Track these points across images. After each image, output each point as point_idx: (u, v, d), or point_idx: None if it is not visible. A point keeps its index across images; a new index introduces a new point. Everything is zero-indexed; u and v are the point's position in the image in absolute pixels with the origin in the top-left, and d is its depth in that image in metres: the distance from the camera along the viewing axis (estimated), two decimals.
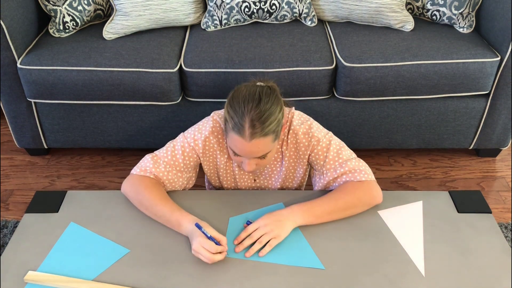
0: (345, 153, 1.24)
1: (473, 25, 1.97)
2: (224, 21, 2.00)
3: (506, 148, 2.16)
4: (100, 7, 2.02)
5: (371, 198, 1.20)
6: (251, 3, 1.95)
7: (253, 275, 1.04)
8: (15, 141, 2.11)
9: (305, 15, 2.03)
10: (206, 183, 1.53)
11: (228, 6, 1.96)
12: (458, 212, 1.20)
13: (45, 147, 2.11)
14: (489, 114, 1.97)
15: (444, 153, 2.21)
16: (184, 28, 2.06)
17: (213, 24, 2.00)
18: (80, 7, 1.95)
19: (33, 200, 1.24)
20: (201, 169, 1.36)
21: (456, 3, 1.92)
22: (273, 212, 1.15)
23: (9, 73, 1.86)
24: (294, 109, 1.29)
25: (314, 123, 1.27)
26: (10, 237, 1.61)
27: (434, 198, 1.25)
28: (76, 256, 1.08)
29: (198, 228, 1.06)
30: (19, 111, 1.98)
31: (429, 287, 1.01)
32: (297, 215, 1.14)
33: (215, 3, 1.95)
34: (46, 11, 1.94)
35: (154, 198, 1.17)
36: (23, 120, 2.01)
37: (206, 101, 1.92)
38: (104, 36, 1.92)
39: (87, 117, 1.98)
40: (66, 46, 1.88)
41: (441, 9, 1.97)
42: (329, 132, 1.26)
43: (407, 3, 2.03)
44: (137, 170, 1.23)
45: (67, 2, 1.91)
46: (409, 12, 2.03)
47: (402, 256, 1.08)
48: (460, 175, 2.10)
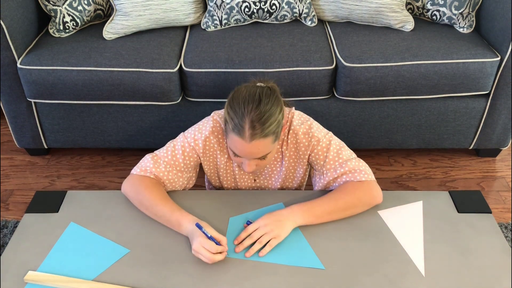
0: (345, 153, 1.24)
1: (473, 25, 1.97)
2: (224, 21, 2.00)
3: (506, 148, 2.16)
4: (100, 7, 2.02)
5: (371, 198, 1.20)
6: (251, 3, 1.95)
7: (253, 275, 1.04)
8: (15, 141, 2.11)
9: (305, 15, 2.03)
10: (206, 183, 1.53)
11: (228, 6, 1.96)
12: (458, 212, 1.20)
13: (45, 147, 2.11)
14: (489, 114, 1.97)
15: (444, 153, 2.21)
16: (184, 28, 2.06)
17: (213, 24, 2.00)
18: (80, 7, 1.95)
19: (33, 200, 1.24)
20: (201, 169, 1.36)
21: (456, 3, 1.92)
22: (273, 212, 1.15)
23: (9, 73, 1.86)
24: (294, 109, 1.29)
25: (314, 123, 1.27)
26: (10, 237, 1.61)
27: (434, 198, 1.25)
28: (76, 256, 1.08)
29: (199, 228, 1.06)
30: (19, 111, 1.98)
31: (429, 287, 1.01)
32: (297, 215, 1.14)
33: (215, 3, 1.95)
34: (46, 11, 1.94)
35: (154, 198, 1.17)
36: (23, 120, 2.01)
37: (206, 101, 1.92)
38: (104, 36, 1.92)
39: (87, 117, 1.98)
40: (66, 46, 1.88)
41: (441, 9, 1.97)
42: (329, 132, 1.26)
43: (407, 3, 2.03)
44: (137, 170, 1.23)
45: (67, 2, 1.91)
46: (409, 12, 2.03)
47: (402, 256, 1.08)
48: (460, 175, 2.10)
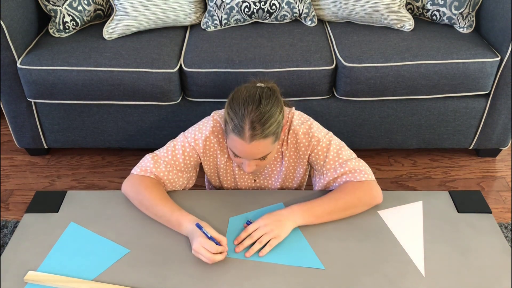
0: (345, 153, 1.24)
1: (473, 25, 1.97)
2: (224, 21, 2.00)
3: (506, 148, 2.16)
4: (100, 7, 2.02)
5: (371, 198, 1.20)
6: (251, 3, 1.95)
7: (253, 275, 1.04)
8: (15, 141, 2.11)
9: (305, 15, 2.03)
10: (206, 182, 1.53)
11: (228, 6, 1.96)
12: (458, 212, 1.20)
13: (45, 147, 2.11)
14: (489, 114, 1.97)
15: (444, 153, 2.21)
16: (184, 28, 2.06)
17: (213, 24, 2.00)
18: (80, 7, 1.95)
19: (33, 200, 1.24)
20: (201, 168, 1.36)
21: (456, 3, 1.92)
22: (273, 212, 1.15)
23: (9, 73, 1.86)
24: (294, 110, 1.29)
25: (314, 124, 1.27)
26: (10, 237, 1.61)
27: (434, 198, 1.25)
28: (76, 256, 1.08)
29: (199, 228, 1.06)
30: (19, 111, 1.98)
31: (429, 287, 1.01)
32: (297, 215, 1.14)
33: (215, 3, 1.95)
34: (46, 11, 1.94)
35: (155, 198, 1.17)
36: (23, 120, 2.01)
37: (206, 101, 1.92)
38: (104, 36, 1.92)
39: (87, 117, 1.98)
40: (66, 46, 1.88)
41: (441, 9, 1.97)
42: (329, 132, 1.26)
43: (407, 3, 2.03)
44: (138, 169, 1.23)
45: (67, 2, 1.91)
46: (409, 12, 2.03)
47: (402, 256, 1.08)
48: (460, 175, 2.10)
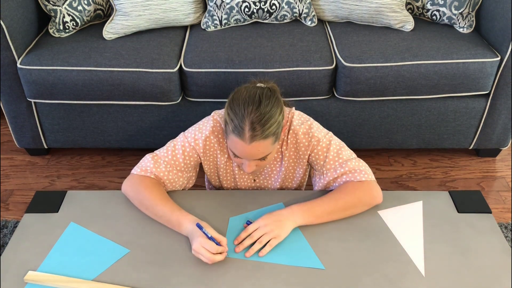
0: (345, 153, 1.24)
1: (473, 25, 1.97)
2: (224, 21, 1.99)
3: (506, 148, 2.16)
4: (100, 7, 2.02)
5: (371, 198, 1.20)
6: (251, 3, 1.95)
7: (253, 275, 1.04)
8: (15, 141, 2.11)
9: (305, 15, 2.03)
10: (206, 182, 1.53)
11: (228, 6, 1.96)
12: (458, 212, 1.20)
13: (45, 147, 2.11)
14: (489, 114, 1.97)
15: (444, 153, 2.21)
16: (184, 28, 2.06)
17: (213, 24, 2.00)
18: (80, 7, 1.95)
19: (33, 200, 1.24)
20: (201, 168, 1.36)
21: (456, 3, 1.92)
22: (273, 212, 1.15)
23: (9, 73, 1.86)
24: (294, 110, 1.29)
25: (314, 124, 1.27)
26: (10, 237, 1.61)
27: (434, 198, 1.25)
28: (76, 256, 1.08)
29: (199, 228, 1.06)
30: (19, 111, 1.98)
31: (429, 287, 1.01)
32: (297, 215, 1.14)
33: (215, 3, 1.95)
34: (46, 11, 1.94)
35: (155, 198, 1.17)
36: (23, 120, 2.00)
37: (206, 101, 1.92)
38: (104, 36, 1.92)
39: (87, 117, 1.98)
40: (66, 46, 1.88)
41: (441, 9, 1.97)
42: (329, 133, 1.26)
43: (407, 3, 2.03)
44: (138, 169, 1.23)
45: (67, 2, 1.91)
46: (409, 12, 2.03)
47: (402, 256, 1.08)
48: (460, 175, 2.10)
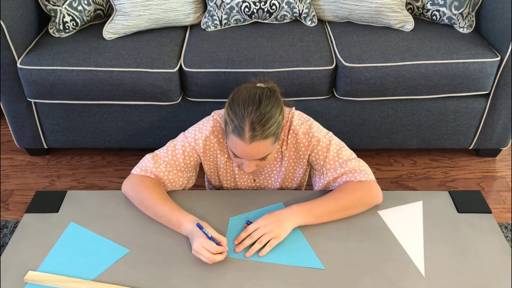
0: (345, 153, 1.24)
1: (473, 25, 1.97)
2: (224, 21, 2.00)
3: (506, 148, 2.16)
4: (100, 7, 2.02)
5: (371, 198, 1.20)
6: (251, 3, 1.95)
7: (253, 275, 1.04)
8: (15, 141, 2.11)
9: (305, 15, 2.03)
10: (206, 182, 1.53)
11: (228, 6, 1.96)
12: (458, 212, 1.20)
13: (45, 147, 2.11)
14: (489, 114, 1.97)
15: (444, 153, 2.21)
16: (184, 28, 2.06)
17: (213, 24, 2.00)
18: (80, 7, 1.95)
19: (33, 200, 1.24)
20: (201, 168, 1.37)
21: (456, 3, 1.92)
22: (273, 212, 1.15)
23: (9, 73, 1.86)
24: (294, 110, 1.29)
25: (314, 124, 1.27)
26: (10, 237, 1.61)
27: (434, 198, 1.25)
28: (76, 256, 1.08)
29: (200, 228, 1.06)
30: (19, 111, 1.98)
31: (429, 287, 1.01)
32: (297, 215, 1.14)
33: (215, 3, 1.95)
34: (46, 11, 1.94)
35: (155, 198, 1.17)
36: (23, 120, 2.00)
37: (206, 101, 1.92)
38: (104, 36, 1.92)
39: (87, 117, 1.98)
40: (66, 46, 1.88)
41: (441, 9, 1.97)
42: (329, 133, 1.26)
43: (407, 3, 2.03)
44: (138, 169, 1.23)
45: (67, 2, 1.91)
46: (409, 12, 2.03)
47: (402, 256, 1.08)
48: (460, 175, 2.10)
